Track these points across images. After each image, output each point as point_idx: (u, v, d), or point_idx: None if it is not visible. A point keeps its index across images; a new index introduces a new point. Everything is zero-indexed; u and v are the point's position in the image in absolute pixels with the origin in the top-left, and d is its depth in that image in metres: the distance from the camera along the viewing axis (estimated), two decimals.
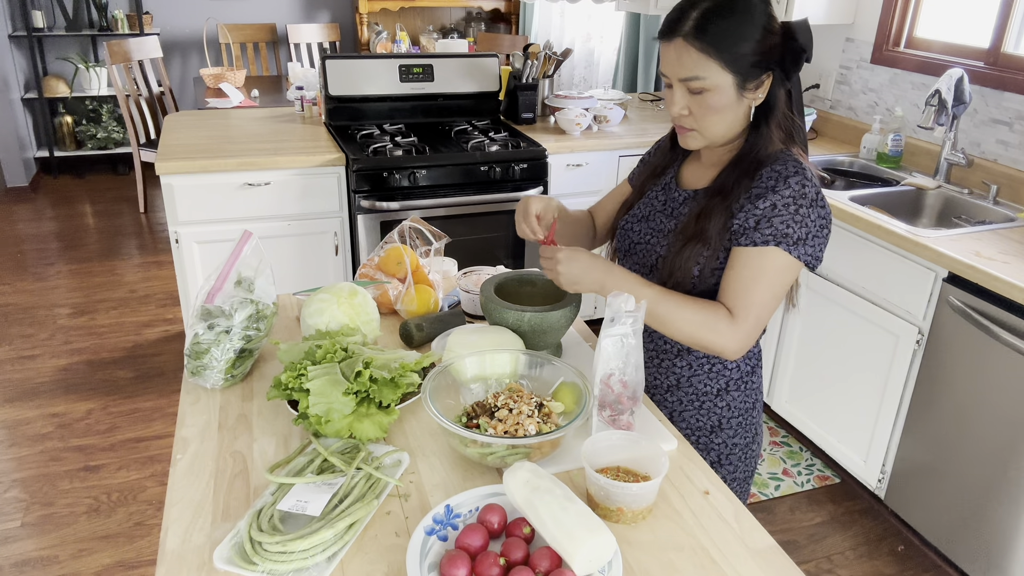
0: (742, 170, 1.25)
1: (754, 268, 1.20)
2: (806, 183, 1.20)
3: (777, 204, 1.19)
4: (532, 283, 1.49)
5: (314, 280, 2.90)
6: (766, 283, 1.20)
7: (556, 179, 3.08)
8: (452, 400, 1.22)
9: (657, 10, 3.33)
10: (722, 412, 1.40)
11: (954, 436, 2.13)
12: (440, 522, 1.00)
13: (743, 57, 1.17)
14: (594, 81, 4.98)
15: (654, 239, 1.36)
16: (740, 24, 1.16)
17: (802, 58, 1.20)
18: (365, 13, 5.56)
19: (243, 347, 1.32)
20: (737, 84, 1.19)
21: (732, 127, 1.25)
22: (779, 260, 1.20)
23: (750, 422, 1.43)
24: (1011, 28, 2.55)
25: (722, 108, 1.21)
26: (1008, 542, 2.02)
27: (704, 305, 1.22)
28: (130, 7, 5.29)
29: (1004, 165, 2.55)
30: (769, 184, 1.21)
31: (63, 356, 3.24)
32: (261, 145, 2.89)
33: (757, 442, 1.47)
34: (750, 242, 1.20)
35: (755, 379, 1.42)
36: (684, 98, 1.22)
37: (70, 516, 2.38)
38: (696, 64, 1.18)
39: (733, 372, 1.38)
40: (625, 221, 1.44)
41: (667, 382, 1.41)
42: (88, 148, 5.47)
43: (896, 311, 2.27)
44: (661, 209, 1.37)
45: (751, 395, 1.41)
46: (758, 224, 1.20)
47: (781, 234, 1.19)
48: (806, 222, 1.20)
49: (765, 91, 1.22)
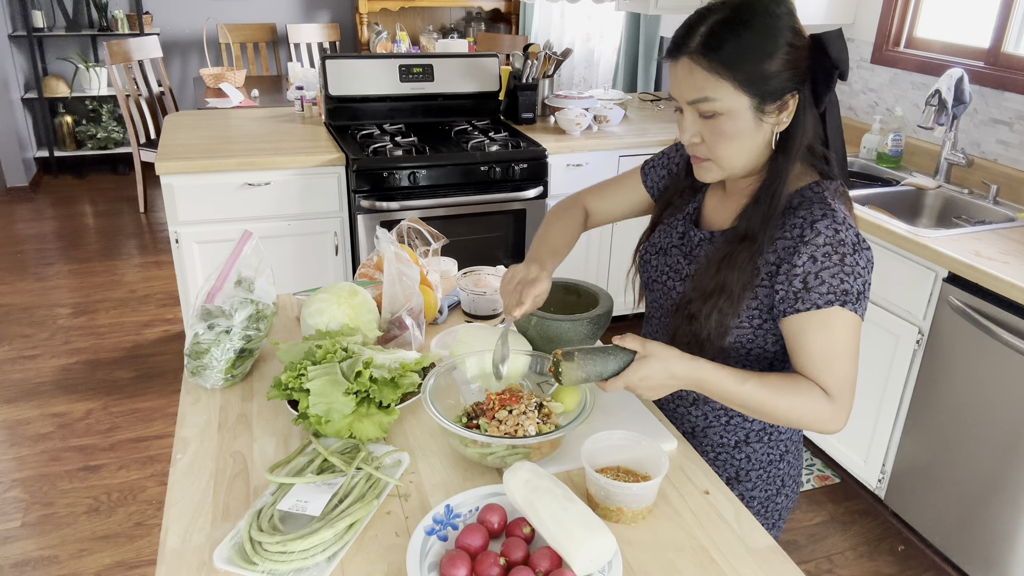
0: (764, 213, 1.11)
1: (827, 337, 1.07)
2: (838, 226, 1.06)
3: (816, 256, 1.06)
4: (577, 293, 1.42)
5: (314, 280, 2.90)
6: (845, 351, 1.07)
7: (556, 179, 3.08)
8: (452, 400, 1.22)
9: (657, 10, 3.32)
10: (740, 464, 1.30)
11: (954, 436, 2.13)
12: (440, 522, 1.00)
13: (761, 76, 1.03)
14: (594, 81, 4.98)
15: (671, 280, 1.26)
16: (757, 38, 1.03)
17: (834, 75, 1.06)
18: (365, 13, 5.56)
19: (243, 347, 1.32)
20: (755, 107, 1.05)
21: (752, 157, 1.10)
22: (846, 320, 1.07)
23: (773, 474, 1.32)
24: (1011, 28, 2.55)
25: (738, 135, 1.07)
26: (1008, 542, 2.02)
27: (799, 389, 1.07)
28: (130, 7, 5.29)
29: (1004, 165, 2.55)
30: (795, 234, 1.08)
31: (63, 356, 3.24)
32: (261, 145, 2.89)
33: (784, 494, 1.35)
34: (810, 305, 1.07)
35: (782, 429, 1.30)
36: (695, 124, 1.09)
37: (70, 516, 2.38)
38: (705, 84, 1.04)
39: (754, 424, 1.27)
40: (644, 251, 1.34)
41: (681, 429, 1.33)
42: (88, 148, 5.47)
43: (896, 311, 2.27)
44: (678, 244, 1.27)
45: (777, 446, 1.30)
46: (807, 283, 1.06)
47: (840, 291, 1.06)
48: (856, 270, 1.06)
49: (791, 114, 1.08)
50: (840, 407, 1.08)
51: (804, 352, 1.09)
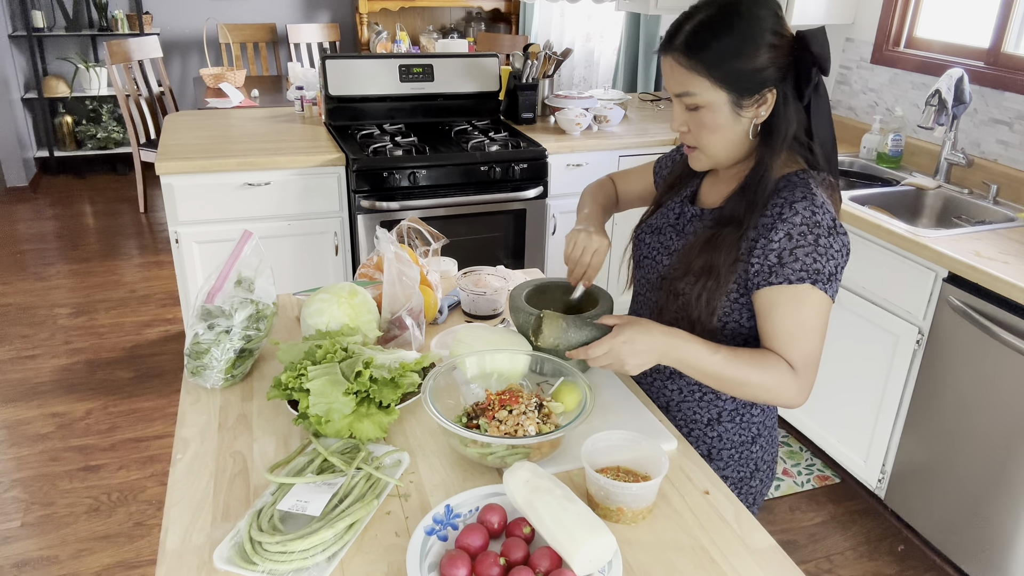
0: (749, 199, 1.17)
1: (796, 313, 1.13)
2: (816, 209, 1.13)
3: (792, 234, 1.12)
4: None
5: (314, 280, 2.90)
6: (812, 327, 1.13)
7: (556, 179, 3.08)
8: (452, 400, 1.22)
9: (657, 10, 3.32)
10: (712, 443, 1.34)
11: (954, 436, 2.13)
12: (440, 522, 1.00)
13: (736, 73, 1.11)
14: (594, 81, 4.98)
15: (660, 256, 1.32)
16: (735, 38, 1.09)
17: (814, 71, 1.13)
18: (365, 13, 5.56)
19: (243, 347, 1.32)
20: (732, 101, 1.13)
21: (733, 146, 1.18)
22: (815, 299, 1.12)
23: (747, 456, 1.35)
24: (1011, 28, 2.55)
25: (718, 127, 1.15)
26: (1008, 542, 2.02)
27: (767, 364, 1.13)
28: (130, 7, 5.29)
29: (1004, 165, 2.55)
30: (775, 212, 1.14)
31: (63, 356, 3.24)
32: (261, 145, 2.89)
33: (759, 478, 1.38)
34: (783, 279, 1.12)
35: (754, 411, 1.33)
36: (683, 114, 1.18)
37: (70, 516, 2.38)
38: (685, 80, 1.13)
39: (727, 403, 1.31)
40: (641, 231, 1.39)
41: (657, 403, 1.37)
42: (88, 148, 5.47)
43: (896, 311, 2.27)
44: (672, 224, 1.33)
45: (749, 428, 1.33)
46: (781, 259, 1.12)
47: (812, 270, 1.11)
48: (830, 252, 1.12)
49: (769, 108, 1.14)
50: (804, 382, 1.15)
51: (772, 325, 1.15)
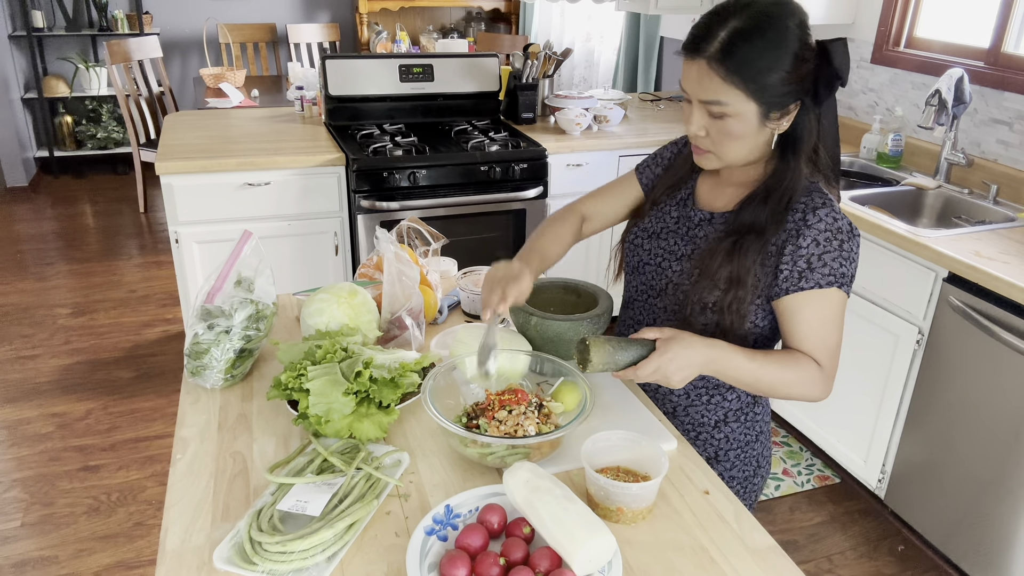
0: (774, 207, 1.18)
1: (824, 312, 1.17)
2: (836, 215, 1.17)
3: (819, 240, 1.15)
4: (576, 293, 1.43)
5: (314, 280, 2.90)
6: (835, 325, 1.18)
7: (556, 179, 3.08)
8: (452, 400, 1.22)
9: (657, 10, 3.32)
10: (719, 444, 1.35)
11: (954, 436, 2.13)
12: (440, 522, 1.00)
13: (770, 87, 1.10)
14: (594, 81, 4.98)
15: (665, 261, 1.30)
16: (771, 51, 1.09)
17: (835, 83, 1.14)
18: (365, 13, 5.56)
19: (243, 347, 1.32)
20: (761, 113, 1.13)
21: (751, 153, 1.19)
22: (839, 299, 1.18)
23: (750, 455, 1.38)
24: (1011, 28, 2.55)
25: (742, 136, 1.15)
26: (1008, 542, 2.02)
27: (797, 364, 1.17)
28: (130, 7, 5.29)
29: (1004, 165, 2.55)
30: (797, 218, 1.17)
31: (63, 356, 3.24)
32: (261, 145, 2.89)
33: (760, 475, 1.41)
34: (813, 284, 1.16)
35: (757, 410, 1.36)
36: (703, 119, 1.16)
37: (70, 516, 2.38)
38: (719, 90, 1.11)
39: (732, 403, 1.33)
40: (634, 235, 1.37)
41: (663, 409, 1.37)
42: (88, 148, 5.47)
43: (896, 311, 2.27)
44: (674, 228, 1.31)
45: (752, 427, 1.36)
46: (810, 264, 1.15)
47: (839, 274, 1.16)
48: (852, 256, 1.18)
49: (791, 119, 1.16)
50: (829, 376, 1.19)
51: (801, 327, 1.19)
